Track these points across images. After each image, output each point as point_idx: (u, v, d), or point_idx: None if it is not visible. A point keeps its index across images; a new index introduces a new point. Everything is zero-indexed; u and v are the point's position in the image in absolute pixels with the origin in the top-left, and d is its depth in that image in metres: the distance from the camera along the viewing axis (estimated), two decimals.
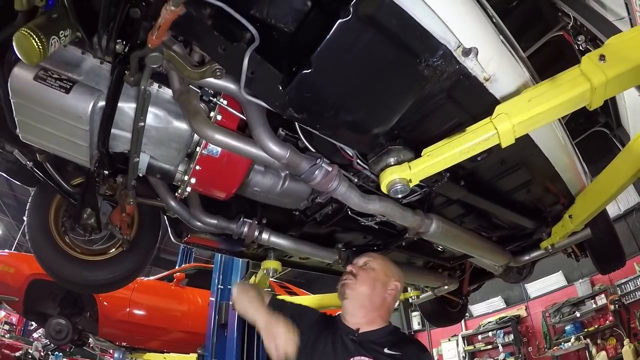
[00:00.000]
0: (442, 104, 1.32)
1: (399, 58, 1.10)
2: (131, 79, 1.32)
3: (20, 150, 1.89)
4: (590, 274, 9.01)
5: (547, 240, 2.64)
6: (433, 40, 1.08)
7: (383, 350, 1.52)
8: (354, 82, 1.15)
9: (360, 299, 1.64)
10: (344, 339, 1.58)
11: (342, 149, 1.41)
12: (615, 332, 8.26)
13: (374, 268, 1.69)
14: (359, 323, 1.62)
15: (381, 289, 1.66)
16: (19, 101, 1.38)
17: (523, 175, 2.03)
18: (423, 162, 1.25)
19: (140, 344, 6.31)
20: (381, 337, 1.58)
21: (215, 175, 1.58)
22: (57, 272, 2.33)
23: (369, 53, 1.06)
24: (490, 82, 1.29)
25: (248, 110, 1.33)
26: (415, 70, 1.13)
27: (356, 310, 1.64)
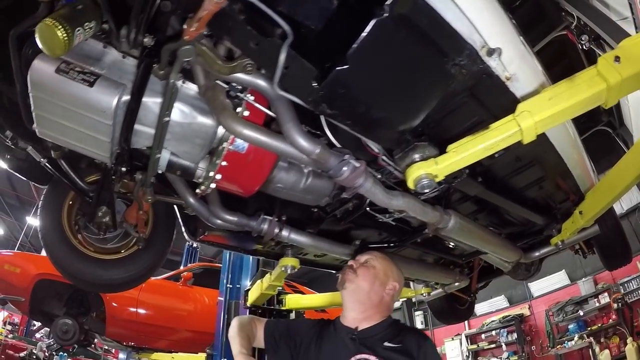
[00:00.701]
0: (465, 102, 1.36)
1: (428, 57, 1.14)
2: (160, 73, 1.31)
3: (34, 147, 1.87)
4: (593, 273, 9.07)
5: (557, 236, 2.69)
6: (460, 40, 1.13)
7: (383, 345, 1.55)
8: (386, 79, 1.18)
9: (357, 294, 1.68)
10: (344, 338, 1.62)
11: (367, 145, 1.43)
12: (618, 330, 8.29)
13: (374, 266, 1.73)
14: (357, 319, 1.66)
15: (379, 288, 1.69)
16: (39, 95, 1.34)
17: (536, 172, 2.07)
18: (449, 158, 1.30)
19: (148, 343, 6.35)
20: (380, 332, 1.62)
21: (241, 172, 1.58)
22: (71, 272, 2.29)
23: (400, 51, 1.10)
24: (511, 81, 1.34)
25: (277, 106, 1.33)
26: (442, 69, 1.17)
27: (354, 304, 1.68)
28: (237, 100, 1.43)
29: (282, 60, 1.11)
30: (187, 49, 1.18)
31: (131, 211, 2.22)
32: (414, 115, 1.29)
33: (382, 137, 1.38)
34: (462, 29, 1.11)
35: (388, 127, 1.31)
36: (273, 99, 1.32)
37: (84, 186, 2.10)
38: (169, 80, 1.31)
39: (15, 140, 1.83)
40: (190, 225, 2.51)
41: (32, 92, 1.34)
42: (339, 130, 1.38)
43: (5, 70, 1.54)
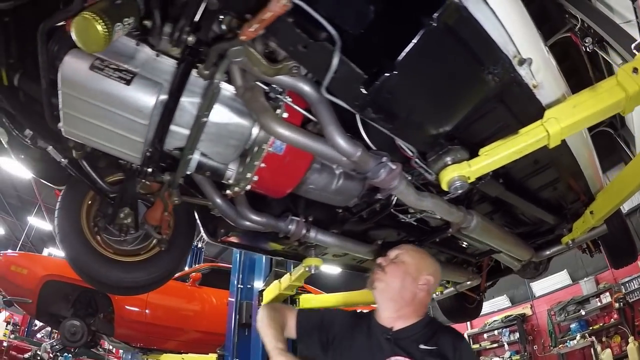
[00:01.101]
0: (494, 108, 1.44)
1: (467, 65, 1.21)
2: (206, 72, 1.28)
3: (54, 147, 1.80)
4: (595, 273, 9.18)
5: (568, 235, 2.78)
6: (497, 49, 1.20)
7: (418, 347, 1.50)
8: (428, 85, 1.24)
9: (389, 292, 1.62)
10: (379, 338, 1.56)
11: (401, 148, 1.45)
12: (620, 329, 8.40)
13: (404, 261, 1.66)
14: (391, 319, 1.60)
15: (411, 284, 1.62)
16: (69, 92, 1.29)
17: (552, 174, 2.16)
18: (481, 161, 1.38)
19: (157, 344, 6.36)
20: (416, 333, 1.56)
21: (277, 173, 1.57)
22: (92, 275, 2.22)
23: (443, 59, 1.17)
24: (538, 89, 1.42)
25: (319, 109, 1.32)
26: (479, 77, 1.24)
27: (386, 304, 1.63)
28: (273, 102, 1.42)
29: (334, 65, 1.13)
30: (237, 49, 1.17)
31: (152, 212, 2.18)
32: (450, 120, 1.36)
33: (419, 141, 1.43)
34: (499, 40, 1.19)
35: (425, 131, 1.37)
36: (314, 101, 1.32)
37: (106, 187, 2.06)
38: (212, 80, 1.29)
39: (35, 140, 1.78)
40: (209, 226, 2.53)
41: (62, 89, 1.29)
42: (372, 132, 1.41)
43: (25, 66, 1.52)
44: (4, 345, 9.32)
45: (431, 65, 1.17)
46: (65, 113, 1.37)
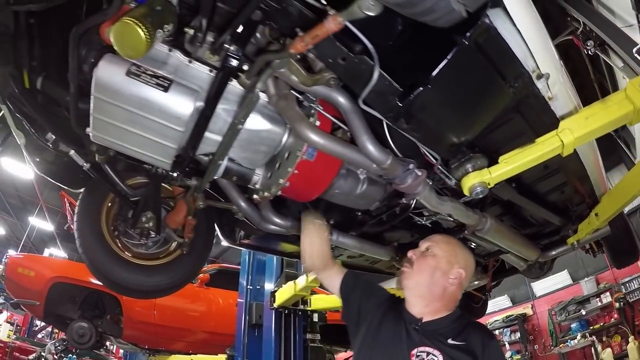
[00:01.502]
0: (511, 118, 1.55)
1: (491, 80, 1.30)
2: (247, 82, 1.30)
3: (77, 151, 1.79)
4: (595, 273, 9.30)
5: (573, 236, 2.89)
6: (519, 65, 1.30)
7: (447, 341, 1.46)
8: (457, 98, 1.33)
9: (417, 289, 1.58)
10: (408, 327, 1.53)
11: (425, 155, 1.52)
12: (620, 329, 8.53)
13: (435, 254, 1.60)
14: (421, 312, 1.56)
15: (441, 278, 1.56)
16: (103, 98, 1.28)
17: (560, 178, 2.26)
18: (501, 168, 1.48)
19: (164, 345, 6.39)
20: (445, 327, 1.52)
21: (308, 179, 1.59)
22: (113, 279, 2.19)
23: (472, 74, 1.27)
24: (552, 101, 1.53)
25: (351, 118, 1.37)
26: (501, 90, 1.35)
27: (415, 300, 1.59)
28: (306, 110, 1.46)
29: (375, 79, 1.19)
30: (282, 60, 1.21)
31: (173, 216, 2.20)
32: (473, 130, 1.45)
33: (443, 149, 1.51)
34: (521, 56, 1.29)
35: (451, 140, 1.46)
36: (347, 111, 1.37)
37: (127, 190, 2.06)
38: (253, 89, 1.31)
39: (57, 144, 1.76)
40: (226, 228, 2.58)
41: (95, 94, 1.28)
42: (396, 139, 1.48)
43: (48, 69, 1.53)
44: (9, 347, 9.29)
45: (460, 80, 1.26)
46: (95, 118, 1.37)
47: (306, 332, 4.35)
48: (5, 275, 5.66)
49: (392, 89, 1.24)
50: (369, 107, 1.30)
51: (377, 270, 3.32)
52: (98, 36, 1.26)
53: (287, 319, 4.27)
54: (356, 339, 1.62)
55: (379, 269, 3.29)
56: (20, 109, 1.62)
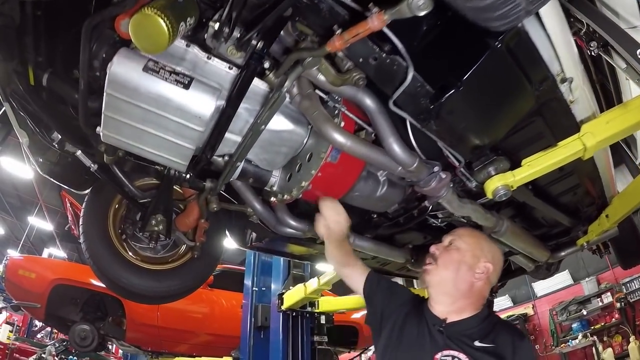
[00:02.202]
0: (533, 121, 1.55)
1: (519, 82, 1.30)
2: (275, 80, 1.25)
3: (84, 151, 1.72)
4: (596, 273, 9.35)
5: (583, 237, 2.91)
6: (545, 69, 1.30)
7: (474, 344, 1.36)
8: (485, 101, 1.33)
9: (442, 286, 1.48)
10: (431, 329, 1.44)
11: (448, 157, 1.48)
12: (621, 329, 8.61)
13: (459, 248, 1.50)
14: (446, 312, 1.46)
15: (467, 273, 1.46)
16: (117, 95, 1.20)
17: (573, 180, 2.28)
18: (525, 171, 1.49)
19: (168, 348, 6.33)
20: (472, 328, 1.42)
21: (331, 181, 1.55)
22: (121, 284, 2.11)
23: (501, 77, 1.26)
24: (574, 104, 1.54)
25: (378, 120, 1.33)
26: (527, 94, 1.35)
27: (440, 298, 1.50)
28: (331, 111, 1.41)
29: (409, 80, 1.16)
30: (315, 59, 1.16)
31: (184, 219, 2.15)
32: (498, 133, 1.45)
33: (468, 151, 1.50)
34: (547, 59, 1.29)
35: (476, 143, 1.45)
36: (373, 112, 1.33)
37: (136, 192, 2.00)
38: (281, 88, 1.25)
39: (63, 143, 1.70)
40: (236, 231, 2.53)
41: (109, 91, 1.19)
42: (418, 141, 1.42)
43: (55, 65, 1.45)
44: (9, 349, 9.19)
45: (490, 82, 1.26)
46: (107, 117, 1.28)
47: (313, 335, 4.35)
48: (5, 277, 5.61)
49: (424, 90, 1.22)
50: (399, 109, 1.28)
51: (388, 272, 3.33)
52: (111, 30, 1.20)
53: (294, 321, 4.27)
54: (379, 340, 1.56)
55: (389, 270, 3.29)
56: (24, 106, 1.55)
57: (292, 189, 1.61)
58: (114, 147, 1.58)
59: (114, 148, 1.60)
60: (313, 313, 4.24)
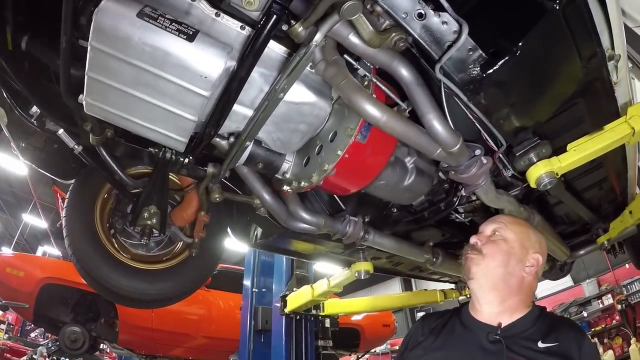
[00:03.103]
0: (575, 103, 1.43)
1: (571, 55, 1.17)
2: (303, 33, 0.99)
3: (67, 130, 1.50)
4: (597, 275, 9.33)
5: (604, 235, 2.80)
6: (596, 43, 1.17)
7: (537, 346, 1.20)
8: (538, 72, 1.18)
9: (490, 280, 1.30)
10: (482, 340, 1.25)
11: (487, 141, 1.31)
12: (621, 331, 8.57)
13: (505, 238, 1.34)
14: (497, 314, 1.28)
15: (517, 266, 1.30)
16: (104, 48, 0.97)
17: (601, 173, 2.16)
18: (571, 157, 1.35)
19: (163, 351, 6.11)
20: (529, 328, 1.26)
21: (357, 166, 1.32)
22: (109, 286, 1.87)
23: (554, 46, 1.13)
24: (617, 86, 1.41)
25: (416, 92, 1.13)
26: (577, 69, 1.22)
27: (488, 295, 1.31)
28: (359, 81, 1.21)
29: (462, 40, 1.01)
30: (354, 4, 0.92)
31: (181, 211, 1.93)
32: (545, 113, 1.32)
33: (511, 133, 1.35)
34: (600, 31, 1.16)
35: (522, 124, 1.31)
36: (410, 83, 1.13)
37: (127, 180, 1.74)
38: (309, 43, 1.01)
39: (42, 120, 1.47)
40: (236, 226, 2.34)
41: (93, 43, 0.96)
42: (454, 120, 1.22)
43: (35, 27, 1.28)
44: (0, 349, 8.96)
45: (544, 51, 1.13)
46: (91, 80, 1.05)
47: (318, 339, 4.16)
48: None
49: (476, 55, 1.06)
50: (447, 78, 1.10)
51: (399, 272, 3.19)
52: None
53: (297, 325, 4.08)
54: None
55: (401, 270, 3.15)
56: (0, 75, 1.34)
57: (312, 174, 1.37)
58: (101, 126, 1.37)
59: (101, 126, 1.39)
60: (317, 316, 4.05)
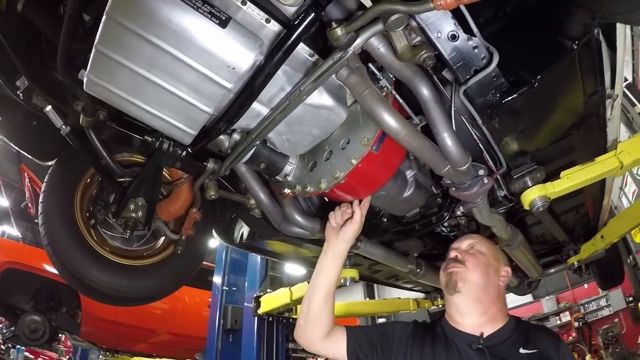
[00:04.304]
0: (571, 134, 1.52)
1: (577, 90, 1.25)
2: (340, 35, 0.95)
3: (55, 107, 1.39)
4: (556, 292, 9.73)
5: (575, 256, 2.94)
6: (600, 82, 1.25)
7: (519, 353, 1.27)
8: (547, 104, 1.25)
9: (474, 291, 1.36)
10: (466, 351, 1.30)
11: (488, 161, 1.36)
12: (577, 347, 8.96)
13: (482, 251, 1.43)
14: (479, 325, 1.35)
15: (494, 276, 1.40)
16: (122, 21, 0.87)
17: (580, 199, 2.28)
18: (564, 184, 1.45)
19: (126, 346, 6.01)
20: (511, 336, 1.33)
21: (368, 175, 1.33)
22: (87, 281, 1.74)
23: (565, 81, 1.20)
24: (609, 122, 1.51)
25: (433, 110, 1.14)
26: (578, 104, 1.31)
27: (471, 307, 1.36)
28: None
29: (492, 67, 1.05)
30: (401, 17, 0.91)
31: (166, 206, 1.85)
32: (545, 141, 1.40)
33: (513, 156, 1.42)
34: (605, 72, 1.24)
35: (524, 149, 1.38)
36: (428, 101, 1.14)
37: (116, 167, 1.63)
38: (347, 48, 0.98)
39: (29, 94, 1.35)
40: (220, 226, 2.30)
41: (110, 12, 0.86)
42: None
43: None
44: None
45: (555, 86, 1.20)
46: (100, 55, 0.94)
47: (289, 341, 4.15)
48: None
49: (499, 83, 1.11)
50: (468, 101, 1.15)
51: (375, 280, 3.24)
52: None
53: (269, 327, 4.06)
54: None
55: (377, 278, 3.20)
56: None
57: (320, 180, 1.35)
58: (95, 107, 1.27)
59: (94, 107, 1.28)
60: (289, 319, 4.03)
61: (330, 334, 1.38)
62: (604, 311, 8.91)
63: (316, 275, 1.40)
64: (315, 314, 1.36)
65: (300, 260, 2.76)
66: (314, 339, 1.39)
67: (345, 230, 1.37)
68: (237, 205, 1.95)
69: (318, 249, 2.33)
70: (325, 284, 1.38)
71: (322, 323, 1.37)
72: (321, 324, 1.37)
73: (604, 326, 8.54)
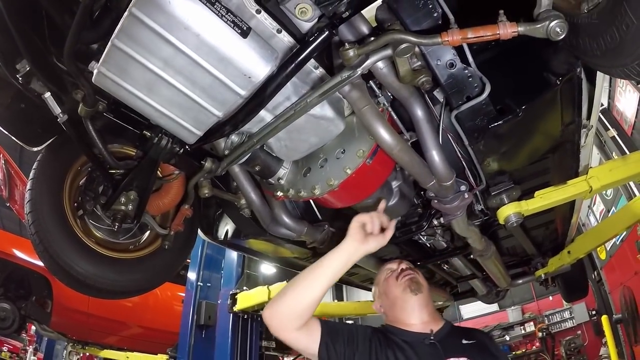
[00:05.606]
0: (546, 157, 1.64)
1: (555, 120, 1.37)
2: (352, 56, 1.02)
3: (54, 95, 1.37)
4: (521, 303, 10.03)
5: (542, 269, 3.11)
6: (577, 113, 1.37)
7: (462, 343, 1.44)
8: (527, 130, 1.36)
9: (426, 293, 1.54)
10: (421, 347, 1.40)
11: (468, 178, 1.45)
12: (540, 357, 9.32)
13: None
14: (427, 323, 1.48)
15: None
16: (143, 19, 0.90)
17: (550, 217, 2.43)
18: (537, 202, 1.58)
19: (96, 338, 5.90)
20: (453, 331, 1.51)
21: (359, 184, 1.40)
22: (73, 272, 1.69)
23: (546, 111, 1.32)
24: (582, 149, 1.63)
25: (424, 128, 1.24)
26: (556, 131, 1.43)
27: (424, 308, 1.51)
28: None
29: (485, 96, 1.14)
30: (409, 47, 0.99)
31: (156, 200, 1.87)
32: (522, 162, 1.52)
33: (492, 175, 1.53)
34: (582, 105, 1.35)
35: (503, 168, 1.50)
36: (420, 120, 1.23)
37: (109, 159, 1.60)
38: (356, 69, 1.06)
39: (29, 78, 1.33)
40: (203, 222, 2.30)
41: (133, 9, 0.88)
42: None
43: None
44: None
45: (536, 115, 1.30)
46: (115, 49, 0.95)
47: (261, 339, 4.17)
48: None
49: (488, 110, 1.21)
50: (458, 124, 1.25)
51: (351, 282, 3.33)
52: None
53: (244, 324, 4.06)
54: None
55: (353, 281, 3.29)
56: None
57: (314, 186, 1.40)
58: (95, 97, 1.27)
59: (94, 98, 1.28)
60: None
61: (305, 325, 1.35)
62: (567, 323, 9.21)
63: (322, 271, 1.33)
64: (304, 307, 1.32)
65: (280, 260, 2.80)
66: (290, 326, 1.34)
67: (371, 241, 1.34)
68: (224, 202, 1.99)
69: (300, 250, 2.40)
70: (328, 281, 1.33)
71: (305, 316, 1.33)
72: (303, 317, 1.33)
73: (567, 337, 8.89)
